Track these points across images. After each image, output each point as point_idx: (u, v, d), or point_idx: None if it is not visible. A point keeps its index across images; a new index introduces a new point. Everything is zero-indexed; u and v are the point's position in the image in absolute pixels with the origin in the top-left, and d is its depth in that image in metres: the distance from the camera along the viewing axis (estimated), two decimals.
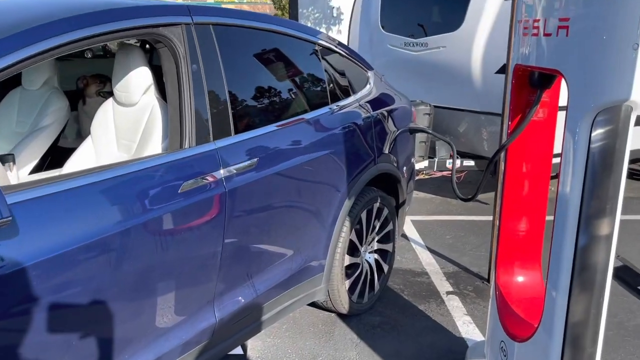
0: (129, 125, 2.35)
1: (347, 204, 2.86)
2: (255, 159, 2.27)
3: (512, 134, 2.22)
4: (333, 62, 3.06)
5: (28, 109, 2.77)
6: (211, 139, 2.12)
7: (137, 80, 2.28)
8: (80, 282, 1.66)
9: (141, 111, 2.32)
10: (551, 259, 1.87)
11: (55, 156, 2.94)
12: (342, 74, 3.12)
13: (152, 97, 2.33)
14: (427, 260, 4.09)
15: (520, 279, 2.32)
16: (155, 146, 2.22)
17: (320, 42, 2.95)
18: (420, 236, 4.61)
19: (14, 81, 2.89)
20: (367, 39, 5.66)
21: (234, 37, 2.36)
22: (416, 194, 5.76)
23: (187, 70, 2.08)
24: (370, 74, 3.44)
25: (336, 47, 3.10)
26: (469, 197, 2.55)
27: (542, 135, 2.24)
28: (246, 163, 2.22)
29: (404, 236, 4.58)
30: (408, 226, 4.86)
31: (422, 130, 3.73)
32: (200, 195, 2.00)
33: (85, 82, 3.08)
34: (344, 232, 2.90)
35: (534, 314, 2.05)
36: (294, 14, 13.44)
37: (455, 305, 3.39)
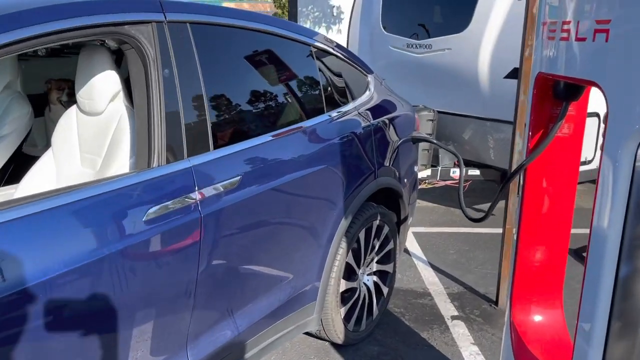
0: (94, 137, 2.06)
1: (344, 224, 2.57)
2: (238, 177, 1.98)
3: (532, 152, 1.93)
4: (329, 66, 2.77)
5: None
6: (185, 155, 1.83)
7: (102, 86, 1.98)
8: (19, 332, 1.37)
9: (107, 121, 2.03)
10: (582, 302, 1.59)
11: (21, 165, 2.63)
12: (340, 78, 2.83)
13: (120, 106, 2.04)
14: (430, 279, 3.80)
15: (539, 317, 2.03)
16: (122, 163, 1.93)
17: (316, 43, 2.66)
18: (422, 251, 4.32)
19: None
20: (367, 40, 5.37)
21: (215, 37, 2.07)
22: (418, 203, 5.47)
23: (157, 76, 1.79)
24: (370, 78, 3.15)
25: (333, 49, 2.81)
26: (479, 217, 2.26)
27: (567, 154, 1.95)
28: (226, 182, 1.93)
29: (405, 251, 4.29)
30: (409, 239, 4.57)
31: (426, 140, 3.44)
32: (169, 224, 1.71)
33: (49, 87, 2.78)
34: (339, 255, 2.61)
35: None
36: (293, 12, 13.14)
37: (461, 333, 3.10)
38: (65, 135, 2.14)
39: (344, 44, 5.68)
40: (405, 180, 3.20)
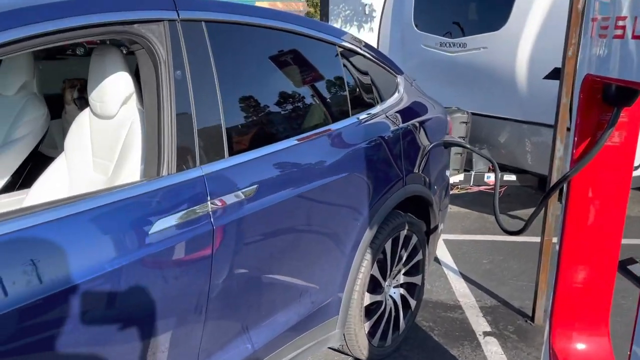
0: (106, 141, 1.96)
1: (369, 234, 2.42)
2: (255, 186, 1.85)
3: (578, 163, 1.74)
4: (356, 67, 2.62)
5: (3, 118, 2.42)
6: (197, 163, 1.71)
7: (114, 89, 1.88)
8: (21, 347, 1.27)
9: (119, 125, 1.93)
10: (638, 324, 1.40)
11: (38, 166, 2.56)
12: (367, 80, 2.67)
13: (132, 110, 1.93)
14: (461, 291, 3.61)
15: (582, 346, 1.84)
16: (132, 170, 1.83)
17: (342, 43, 2.51)
18: (453, 259, 4.13)
19: None
20: (398, 39, 5.19)
21: (232, 37, 1.95)
22: (450, 209, 5.26)
23: (168, 78, 1.67)
24: (400, 79, 2.98)
25: (361, 49, 2.65)
26: (517, 230, 2.08)
27: (618, 164, 1.76)
28: (242, 191, 1.80)
29: (436, 260, 4.10)
30: (440, 247, 4.38)
31: (459, 145, 3.25)
32: (178, 237, 1.59)
33: (64, 86, 2.71)
34: (363, 267, 2.46)
35: None
36: (324, 11, 13.01)
37: (493, 351, 2.91)
38: (77, 139, 2.05)
39: (375, 43, 5.51)
40: (436, 187, 3.03)
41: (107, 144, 1.97)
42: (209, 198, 1.69)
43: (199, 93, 1.75)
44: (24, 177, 2.56)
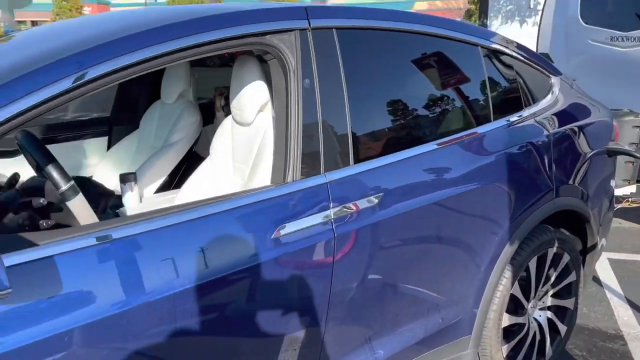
0: (245, 147, 2.07)
1: (509, 250, 2.22)
2: (380, 194, 1.81)
3: None
4: (503, 68, 2.43)
5: (164, 123, 2.70)
6: (322, 170, 1.72)
7: (251, 98, 1.97)
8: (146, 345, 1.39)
9: (256, 132, 2.03)
10: None
11: (193, 166, 2.80)
12: (515, 81, 2.46)
13: (267, 118, 2.01)
14: (625, 319, 3.16)
15: None
16: (264, 176, 1.90)
17: (486, 44, 2.34)
18: (618, 282, 3.64)
19: (157, 94, 2.85)
20: (561, 33, 4.72)
21: (364, 42, 1.93)
22: (619, 224, 4.67)
23: (297, 86, 1.71)
24: (554, 80, 2.70)
25: (508, 48, 2.45)
26: None
27: None
28: (367, 199, 1.77)
29: (597, 281, 3.66)
30: (603, 266, 3.90)
31: (625, 153, 2.84)
32: (298, 243, 1.61)
33: (214, 94, 2.92)
34: (502, 286, 2.27)
35: None
36: (484, 8, 12.42)
37: None
38: (221, 144, 2.19)
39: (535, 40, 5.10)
40: (596, 200, 2.69)
41: (245, 150, 2.08)
42: (331, 205, 1.69)
43: (326, 100, 1.75)
44: (179, 177, 2.82)
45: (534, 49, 5.04)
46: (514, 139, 2.30)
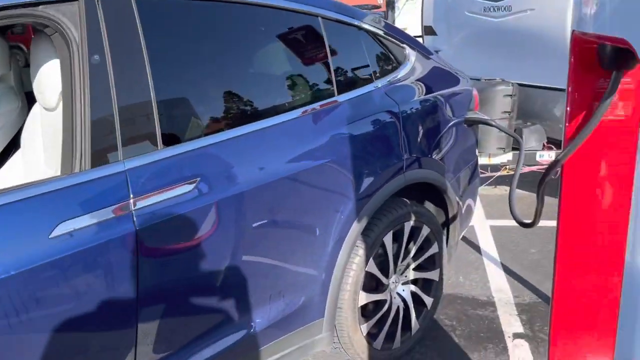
0: (53, 135, 1.85)
1: (356, 227, 2.15)
2: (196, 179, 1.66)
3: (570, 143, 1.39)
4: (345, 40, 2.33)
5: None
6: (120, 157, 1.55)
7: (48, 79, 1.75)
8: None
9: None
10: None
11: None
12: (360, 54, 2.37)
13: None
14: (498, 285, 3.23)
15: None
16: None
17: (327, 14, 2.23)
18: (497, 249, 3.72)
19: None
20: (442, 6, 4.74)
21: (174, 11, 1.75)
22: (502, 190, 4.80)
23: (82, 63, 1.51)
24: (409, 50, 2.64)
25: (354, 20, 2.35)
26: (530, 222, 1.76)
27: (622, 145, 1.37)
28: (178, 186, 1.62)
29: (476, 248, 3.72)
30: (484, 234, 3.99)
31: (482, 122, 2.85)
32: (87, 240, 1.44)
33: None
34: (355, 264, 2.20)
35: None
36: None
37: (521, 357, 2.55)
38: (30, 132, 1.96)
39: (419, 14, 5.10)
40: (455, 170, 2.68)
41: (54, 138, 1.86)
42: (131, 196, 1.52)
43: (123, 78, 1.57)
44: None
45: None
46: (359, 113, 2.22)
